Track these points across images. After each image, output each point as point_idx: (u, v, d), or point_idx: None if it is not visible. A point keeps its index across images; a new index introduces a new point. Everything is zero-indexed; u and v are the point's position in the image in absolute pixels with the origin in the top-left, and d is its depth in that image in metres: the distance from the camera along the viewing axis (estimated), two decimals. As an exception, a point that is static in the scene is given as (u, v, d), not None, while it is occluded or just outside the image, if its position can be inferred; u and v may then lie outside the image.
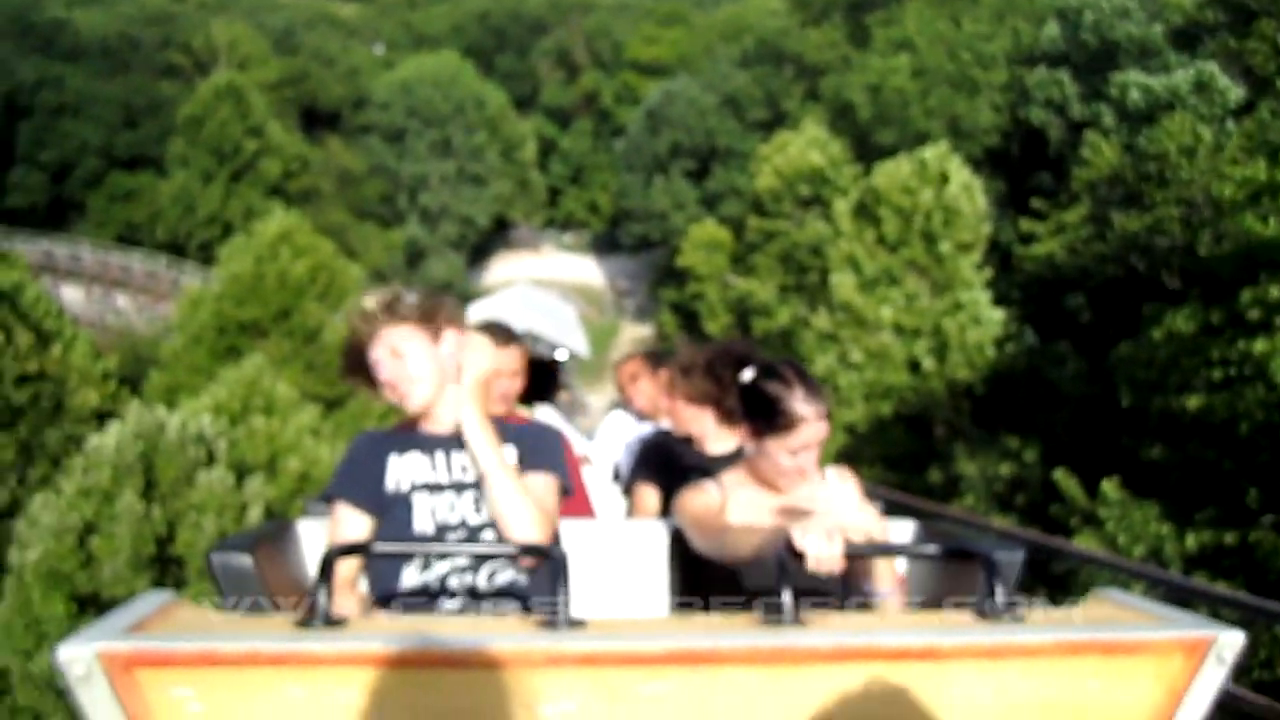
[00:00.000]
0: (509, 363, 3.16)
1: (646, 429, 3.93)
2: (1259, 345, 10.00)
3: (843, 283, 19.12)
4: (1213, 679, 1.69)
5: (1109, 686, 1.69)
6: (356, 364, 2.30)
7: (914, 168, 19.84)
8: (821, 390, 2.40)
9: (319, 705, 1.55)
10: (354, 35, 70.30)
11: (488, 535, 2.22)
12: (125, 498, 11.38)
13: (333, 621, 1.64)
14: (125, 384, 19.49)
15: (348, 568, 2.21)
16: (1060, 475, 13.01)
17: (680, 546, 2.59)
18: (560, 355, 23.94)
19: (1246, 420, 10.45)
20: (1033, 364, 18.85)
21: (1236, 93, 22.46)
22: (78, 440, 16.39)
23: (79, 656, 1.50)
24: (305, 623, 1.63)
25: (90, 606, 11.07)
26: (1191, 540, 10.88)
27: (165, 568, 11.42)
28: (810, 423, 2.33)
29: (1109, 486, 11.87)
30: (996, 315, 19.83)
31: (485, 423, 2.23)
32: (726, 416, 3.01)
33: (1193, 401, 11.00)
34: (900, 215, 19.51)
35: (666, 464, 3.15)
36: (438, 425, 2.29)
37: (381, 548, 2.08)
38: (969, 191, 19.85)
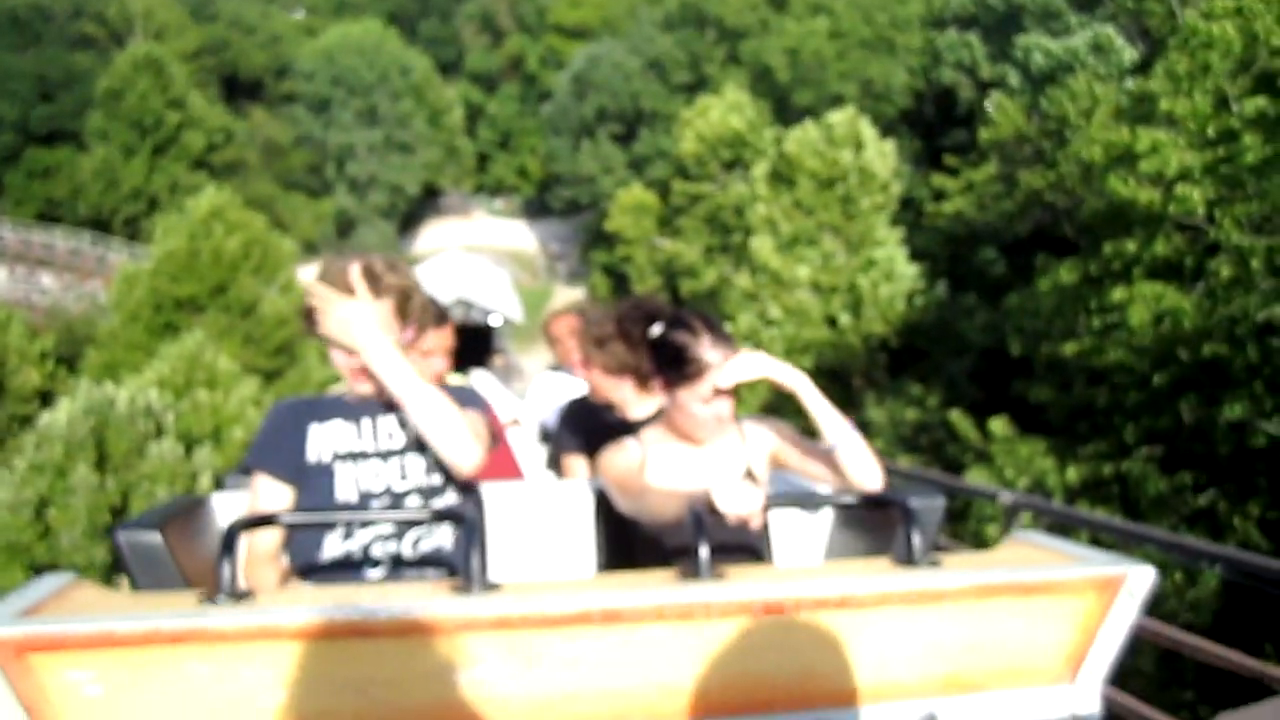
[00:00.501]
0: (441, 342, 3.18)
1: (580, 386, 3.89)
2: (1118, 294, 11.11)
3: (762, 245, 20.10)
4: (1125, 613, 1.75)
5: (1025, 626, 1.74)
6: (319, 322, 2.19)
7: (823, 132, 20.82)
8: (729, 337, 2.40)
9: (224, 682, 1.52)
10: (273, 1, 69.51)
11: (412, 501, 2.21)
12: (79, 471, 12.02)
13: (239, 596, 1.61)
14: (62, 363, 19.89)
15: (268, 540, 2.17)
16: (955, 416, 14.16)
17: (606, 507, 2.60)
18: (494, 321, 24.58)
19: (1115, 363, 11.60)
20: (942, 316, 20.01)
21: (1131, 53, 23.71)
22: (22, 419, 16.86)
23: None
24: (210, 599, 1.60)
25: (48, 571, 11.59)
26: (1072, 473, 12.06)
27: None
28: (719, 363, 2.34)
29: (997, 425, 13.03)
30: (909, 271, 20.95)
31: (392, 348, 2.16)
32: (643, 381, 3.02)
33: (1069, 347, 12.15)
34: (814, 179, 20.49)
35: (590, 428, 3.18)
36: (364, 389, 2.24)
37: (290, 518, 2.02)
38: (881, 154, 20.88)
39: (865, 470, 2.31)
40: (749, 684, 1.66)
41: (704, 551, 1.68)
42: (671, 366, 2.37)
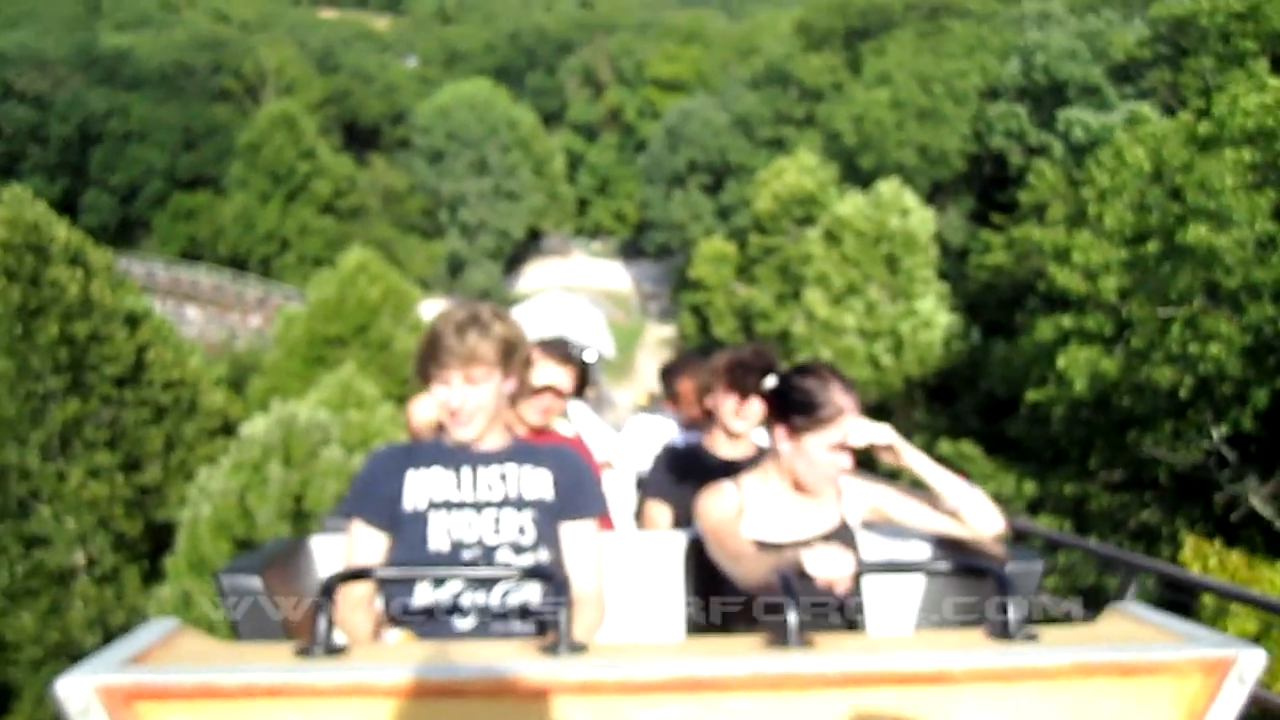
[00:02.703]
0: (566, 381, 3.29)
1: (682, 436, 3.92)
2: (1061, 360, 14.63)
3: (814, 297, 23.91)
4: (1234, 699, 1.69)
5: (1126, 708, 1.69)
6: (430, 361, 2.32)
7: (872, 199, 24.58)
8: (854, 386, 2.48)
9: None
10: (388, 50, 75.69)
11: (503, 555, 2.27)
12: (271, 468, 16.41)
13: (334, 649, 1.68)
14: (231, 387, 24.69)
15: (362, 586, 2.25)
16: (942, 443, 17.66)
17: (697, 558, 2.68)
18: (589, 356, 28.71)
19: (1066, 408, 15.14)
20: (973, 360, 23.52)
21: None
22: (210, 432, 21.50)
23: (77, 690, 1.54)
24: (305, 651, 1.68)
25: (247, 545, 15.83)
26: (1028, 488, 15.57)
27: (300, 518, 16.25)
28: (849, 414, 2.40)
29: (965, 447, 16.51)
30: (946, 320, 24.49)
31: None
32: (742, 419, 3.14)
33: (1031, 394, 15.68)
34: (862, 239, 24.24)
35: (682, 474, 3.22)
36: (464, 436, 2.33)
37: (383, 573, 2.13)
38: (923, 220, 24.52)
39: (985, 517, 2.41)
40: None
41: (793, 619, 1.71)
42: (802, 412, 2.41)
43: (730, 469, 2.72)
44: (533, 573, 2.08)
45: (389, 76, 66.21)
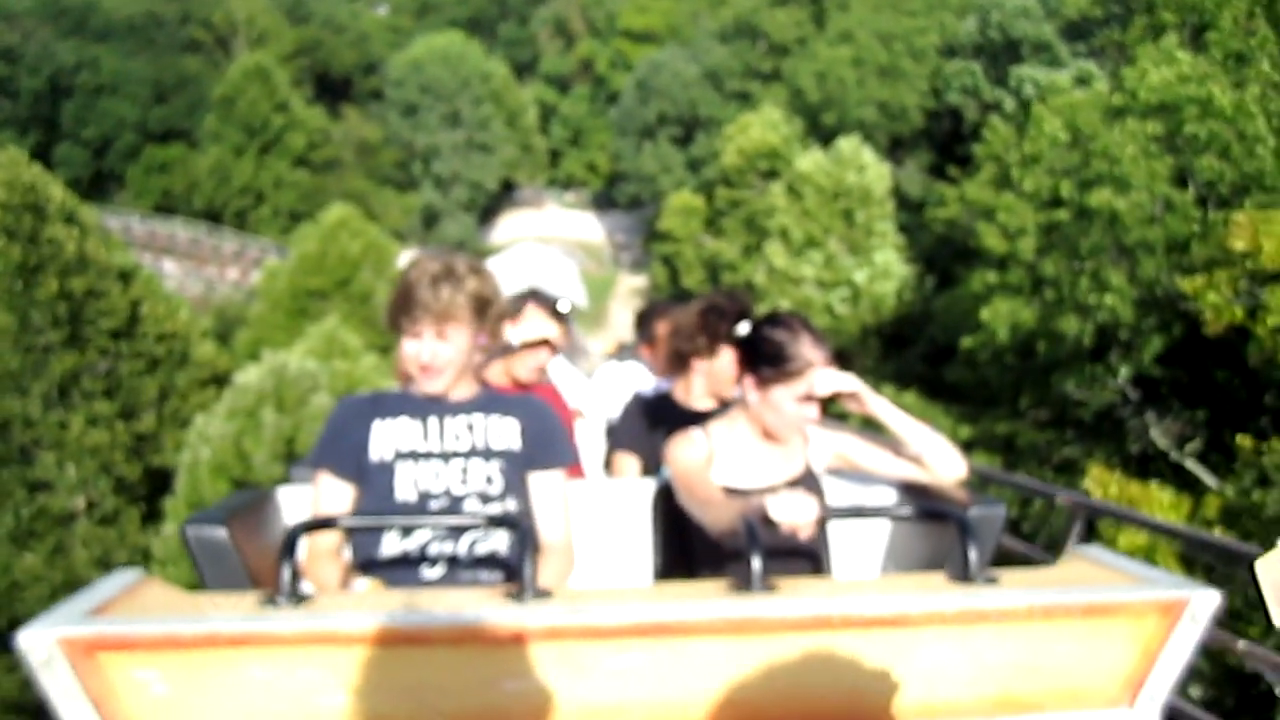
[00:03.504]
0: (558, 334, 3.43)
1: (647, 378, 3.92)
2: (985, 312, 16.29)
3: (774, 250, 25.45)
4: (1188, 638, 1.76)
5: (1084, 648, 1.75)
6: (402, 313, 2.33)
7: (831, 156, 26.06)
8: (824, 338, 2.52)
9: (282, 684, 1.61)
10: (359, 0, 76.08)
11: (471, 505, 2.31)
12: (265, 413, 17.85)
13: (299, 598, 1.70)
14: (218, 338, 26.05)
15: (329, 537, 2.30)
16: (887, 390, 19.31)
17: (665, 506, 2.73)
18: (562, 306, 30.21)
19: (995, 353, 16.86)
20: (926, 310, 25.18)
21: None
22: (201, 382, 22.90)
23: (39, 642, 1.53)
24: (270, 601, 1.68)
25: (243, 486, 17.24)
26: (964, 431, 17.27)
27: (292, 459, 17.59)
28: (817, 367, 2.45)
29: (908, 398, 18.17)
30: (903, 271, 26.11)
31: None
32: (715, 370, 3.21)
33: (965, 341, 17.35)
34: (822, 194, 25.77)
35: (651, 424, 3.29)
36: (432, 388, 2.36)
37: (347, 522, 2.16)
38: (879, 175, 26.04)
39: (947, 460, 2.52)
40: (800, 701, 1.70)
41: (756, 564, 1.73)
42: (770, 363, 2.47)
43: (699, 419, 2.76)
44: (498, 521, 2.13)
45: (360, 26, 66.72)
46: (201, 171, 50.77)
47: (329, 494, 2.33)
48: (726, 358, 3.07)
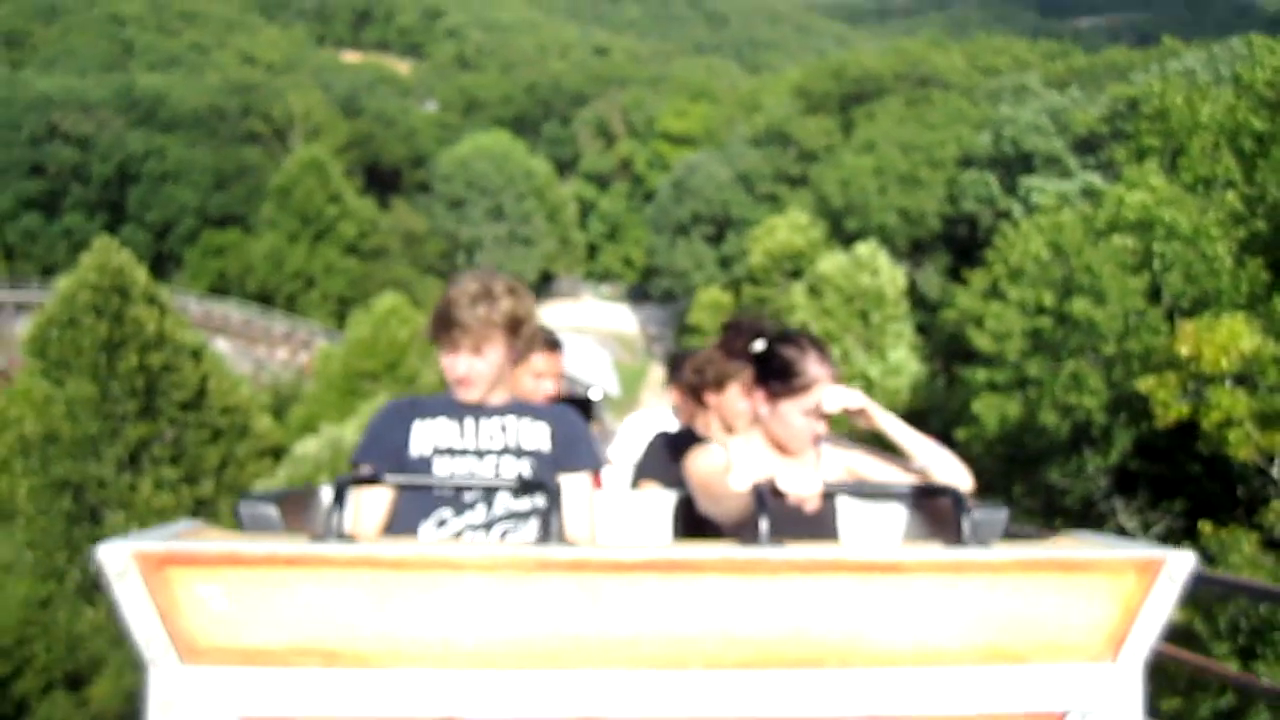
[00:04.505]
0: (552, 366, 3.61)
1: (671, 422, 4.05)
2: (977, 405, 17.98)
3: (793, 345, 27.26)
4: (1166, 596, 1.88)
5: (1068, 602, 1.87)
6: (441, 330, 2.49)
7: (851, 259, 28.05)
8: (832, 356, 2.63)
9: (329, 603, 1.77)
10: (410, 94, 79.83)
11: (502, 497, 2.47)
12: (320, 482, 19.70)
13: (344, 538, 1.84)
14: (274, 414, 28.10)
15: (370, 525, 2.46)
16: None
17: (685, 516, 2.86)
18: (594, 394, 32.07)
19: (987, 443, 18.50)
20: (934, 403, 26.82)
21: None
22: (259, 452, 24.81)
23: (117, 555, 1.71)
24: (319, 538, 1.84)
25: None
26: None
27: None
28: (824, 384, 2.56)
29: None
30: (914, 367, 27.82)
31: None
32: (723, 404, 3.33)
33: (961, 432, 18.98)
34: (840, 294, 27.68)
35: (674, 456, 3.25)
36: (470, 396, 2.51)
37: (392, 479, 2.27)
38: (893, 279, 27.97)
39: (954, 475, 2.57)
40: (799, 639, 1.83)
41: (764, 524, 1.88)
42: (779, 378, 2.59)
43: None
44: (528, 485, 2.35)
45: (410, 121, 70.03)
46: (256, 256, 53.53)
47: (370, 491, 2.47)
48: (733, 393, 3.30)
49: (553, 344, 3.63)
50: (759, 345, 2.69)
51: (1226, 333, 13.02)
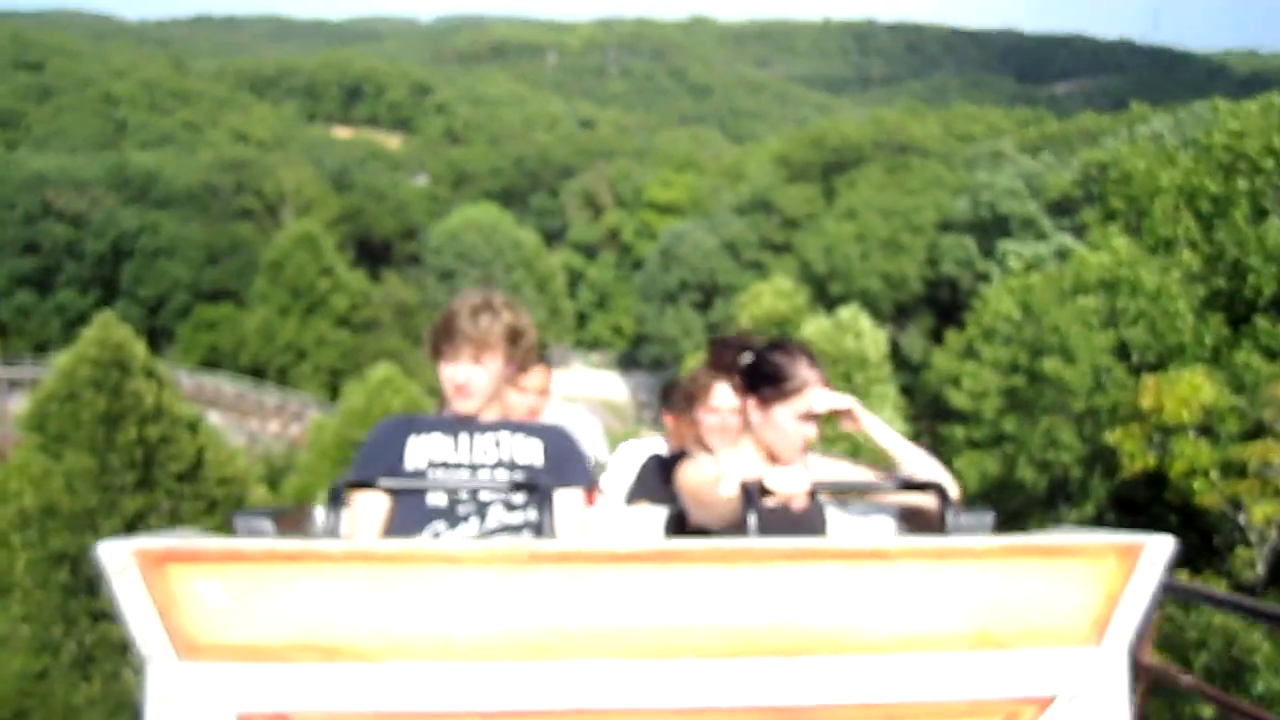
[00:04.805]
0: (537, 382, 3.71)
1: (662, 447, 4.05)
2: (958, 463, 18.52)
3: (779, 408, 27.81)
4: (1148, 580, 1.91)
5: (1051, 587, 1.90)
6: (442, 341, 2.56)
7: (834, 323, 28.72)
8: (819, 361, 2.71)
9: (326, 599, 1.80)
10: (400, 168, 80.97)
11: (496, 510, 2.50)
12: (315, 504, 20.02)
13: (338, 539, 1.92)
14: (269, 485, 28.45)
15: (365, 536, 2.49)
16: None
17: (677, 529, 2.85)
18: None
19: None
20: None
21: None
22: (255, 522, 25.11)
23: (117, 552, 1.75)
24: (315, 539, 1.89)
25: None
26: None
27: None
28: (815, 385, 2.64)
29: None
30: (898, 426, 28.37)
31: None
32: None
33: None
34: (823, 358, 28.24)
35: (666, 479, 3.24)
36: (465, 408, 2.57)
37: (387, 482, 2.38)
38: (875, 342, 28.62)
39: (941, 480, 2.58)
40: (790, 628, 1.86)
41: (752, 519, 1.98)
42: (770, 383, 2.65)
43: None
44: (521, 485, 2.41)
45: (400, 194, 70.89)
46: (248, 329, 54.07)
47: (366, 501, 2.51)
48: (710, 403, 3.36)
49: (544, 358, 3.72)
50: (747, 357, 2.74)
51: (1187, 386, 13.68)
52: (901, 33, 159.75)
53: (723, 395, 3.28)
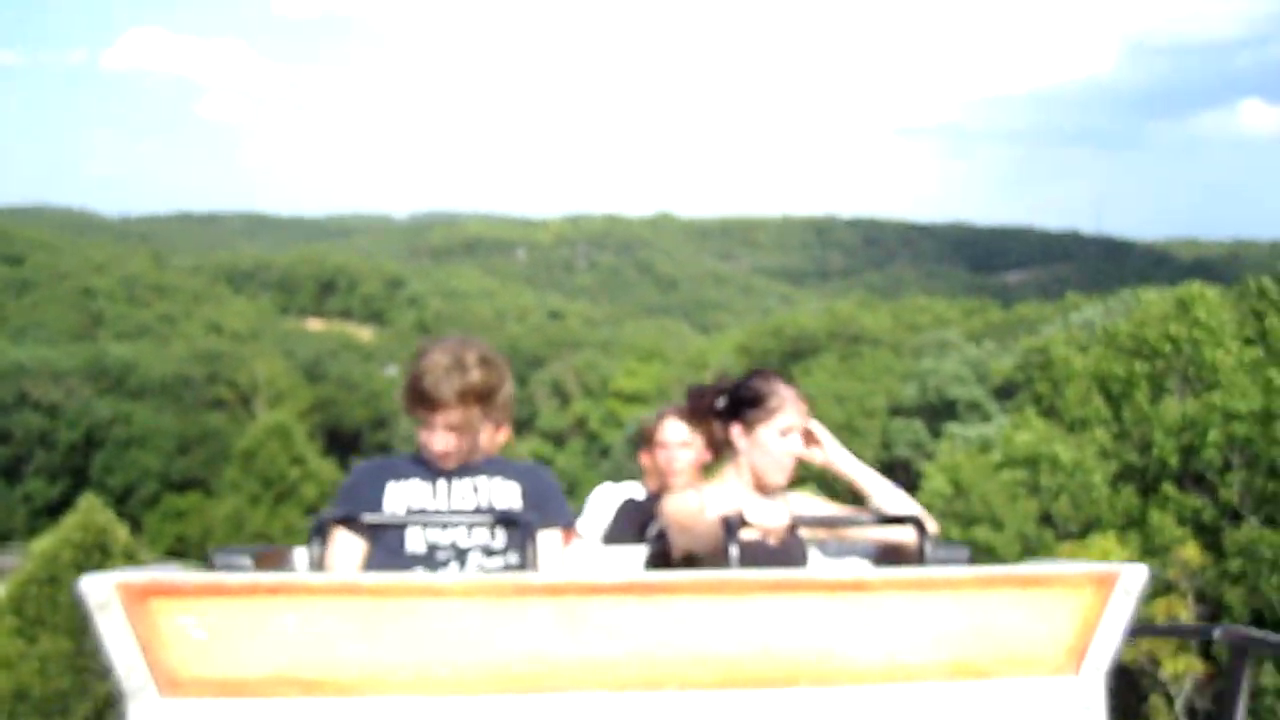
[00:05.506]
0: (685, 435, 3.60)
1: (639, 491, 4.03)
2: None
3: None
4: (1123, 609, 1.95)
5: (1029, 617, 1.94)
6: (416, 404, 2.52)
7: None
8: (795, 384, 2.83)
9: (308, 631, 1.79)
10: (371, 359, 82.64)
11: (474, 557, 2.50)
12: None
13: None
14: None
15: (351, 566, 2.48)
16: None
17: (657, 563, 2.90)
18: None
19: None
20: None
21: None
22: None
23: (100, 586, 1.75)
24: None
25: None
26: None
27: None
28: (794, 402, 2.76)
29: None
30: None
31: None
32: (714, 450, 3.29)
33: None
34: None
35: (643, 522, 3.38)
36: (445, 467, 2.56)
37: (371, 518, 2.37)
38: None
39: (908, 512, 2.68)
40: (773, 659, 1.87)
41: (734, 551, 2.02)
42: (752, 406, 2.77)
43: None
44: (502, 518, 2.46)
45: (372, 385, 72.31)
46: (216, 518, 54.44)
47: (343, 546, 2.47)
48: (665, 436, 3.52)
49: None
50: (722, 402, 2.85)
51: (1099, 552, 15.15)
52: (860, 227, 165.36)
53: (671, 430, 3.53)
